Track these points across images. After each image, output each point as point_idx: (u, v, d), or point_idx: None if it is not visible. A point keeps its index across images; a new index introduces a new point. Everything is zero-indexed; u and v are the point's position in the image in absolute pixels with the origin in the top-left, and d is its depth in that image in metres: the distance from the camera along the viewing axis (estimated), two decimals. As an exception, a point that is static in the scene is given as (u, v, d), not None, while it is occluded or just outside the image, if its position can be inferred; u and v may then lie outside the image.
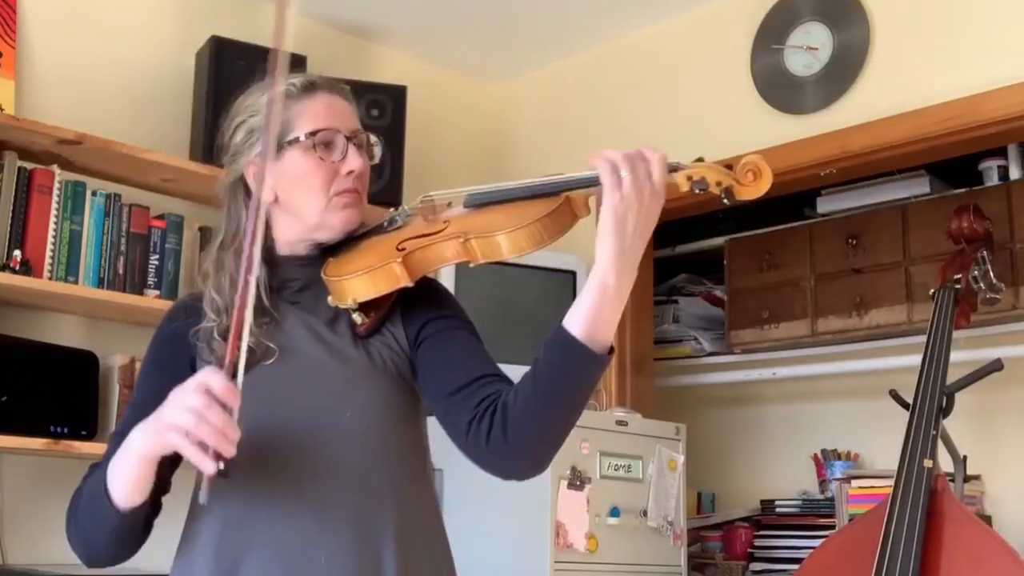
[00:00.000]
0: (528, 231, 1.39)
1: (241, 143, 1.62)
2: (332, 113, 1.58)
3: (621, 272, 1.34)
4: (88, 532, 1.49)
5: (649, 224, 1.34)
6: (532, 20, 3.55)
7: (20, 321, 2.78)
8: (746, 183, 1.34)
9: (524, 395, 1.39)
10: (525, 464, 1.45)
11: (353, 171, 1.54)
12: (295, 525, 1.43)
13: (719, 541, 3.98)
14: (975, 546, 2.47)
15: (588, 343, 1.34)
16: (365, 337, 1.52)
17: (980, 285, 2.91)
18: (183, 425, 1.28)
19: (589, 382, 1.39)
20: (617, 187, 1.32)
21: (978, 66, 2.81)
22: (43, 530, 2.78)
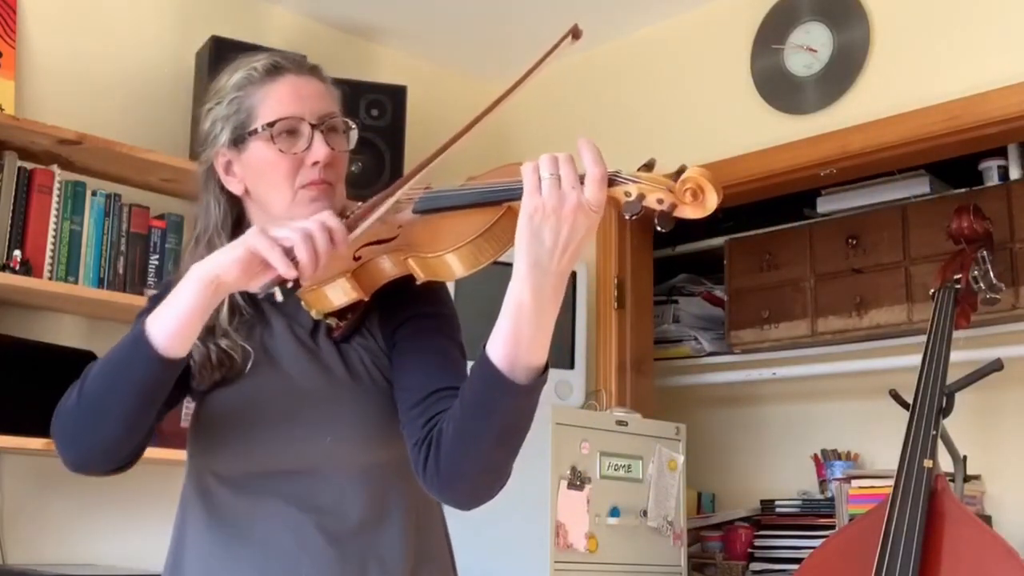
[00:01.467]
0: (461, 253, 1.26)
1: (208, 131, 1.49)
2: (297, 98, 1.44)
3: (537, 289, 1.18)
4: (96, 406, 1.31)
5: (577, 239, 1.17)
6: (532, 20, 3.55)
7: (20, 321, 2.78)
8: (687, 202, 1.15)
9: (453, 428, 1.28)
10: (464, 495, 1.33)
11: (319, 161, 1.42)
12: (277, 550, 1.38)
13: (719, 541, 3.97)
14: (975, 546, 2.47)
15: (507, 371, 1.21)
16: (343, 341, 1.43)
17: (980, 285, 2.91)
18: (284, 236, 1.23)
19: (518, 411, 1.25)
20: (536, 191, 1.16)
21: (978, 66, 2.81)
22: (43, 530, 2.79)
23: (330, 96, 1.50)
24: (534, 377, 1.22)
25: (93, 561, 2.85)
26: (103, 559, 2.87)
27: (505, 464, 1.31)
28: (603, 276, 3.52)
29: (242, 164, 1.46)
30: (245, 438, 1.42)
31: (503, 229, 1.25)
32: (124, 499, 2.94)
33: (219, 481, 1.44)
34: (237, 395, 1.43)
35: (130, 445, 1.35)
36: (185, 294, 1.26)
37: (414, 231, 1.35)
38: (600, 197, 1.15)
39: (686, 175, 1.14)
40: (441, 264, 1.28)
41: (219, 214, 1.49)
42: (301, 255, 1.22)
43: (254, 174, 1.45)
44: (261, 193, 1.46)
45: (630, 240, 3.53)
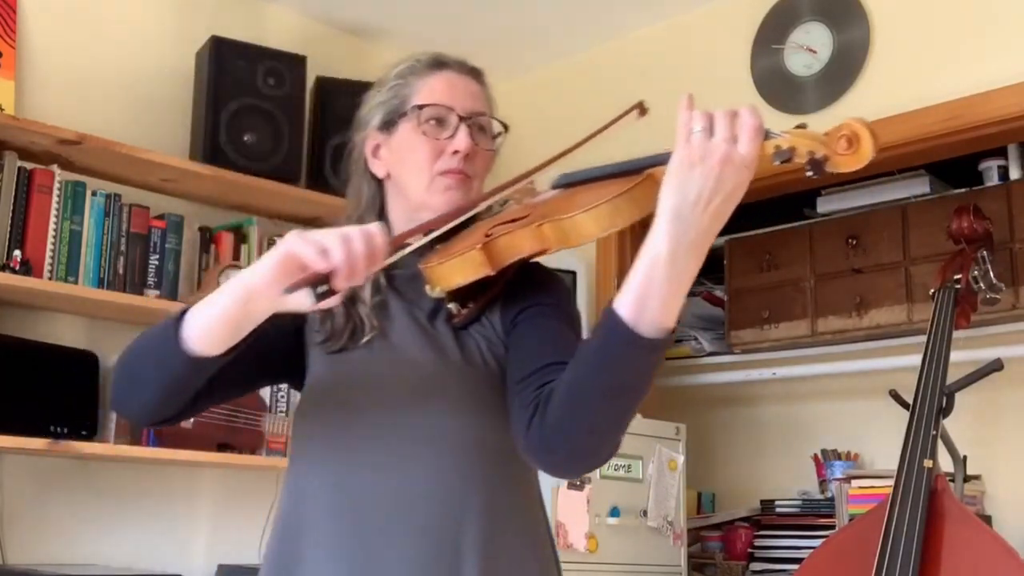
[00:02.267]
0: (598, 212, 1.25)
1: (363, 116, 1.55)
2: (451, 91, 1.50)
3: (676, 241, 1.14)
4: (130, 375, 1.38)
5: (723, 194, 1.13)
6: (532, 20, 3.55)
7: (20, 321, 2.78)
8: (841, 152, 1.12)
9: (566, 383, 1.26)
10: (563, 457, 1.31)
11: (459, 151, 1.46)
12: (370, 523, 1.38)
13: (719, 541, 3.97)
14: (975, 546, 2.47)
15: (633, 323, 1.16)
16: (462, 328, 1.45)
17: (980, 285, 2.91)
18: (321, 240, 1.21)
19: (636, 368, 1.21)
20: (686, 141, 1.14)
21: (978, 66, 2.81)
22: (43, 530, 2.79)
23: (485, 99, 1.56)
24: (659, 336, 1.17)
25: (93, 561, 2.86)
26: (103, 559, 2.87)
27: (613, 428, 1.28)
28: (603, 276, 3.52)
29: (389, 147, 1.51)
30: (353, 406, 1.44)
31: (643, 193, 1.24)
32: (124, 499, 2.94)
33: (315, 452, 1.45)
34: (346, 367, 1.45)
35: (169, 409, 1.39)
36: (222, 298, 1.28)
37: (549, 204, 1.36)
38: (752, 150, 1.13)
39: (841, 123, 1.12)
40: (577, 223, 1.26)
41: (368, 195, 1.55)
42: (335, 255, 1.20)
43: (397, 157, 1.50)
44: (401, 177, 1.51)
45: (630, 240, 3.54)
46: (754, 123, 1.14)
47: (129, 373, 1.38)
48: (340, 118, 3.27)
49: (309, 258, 1.20)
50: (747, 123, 1.13)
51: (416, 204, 1.49)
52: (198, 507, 3.09)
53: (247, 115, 3.04)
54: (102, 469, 2.90)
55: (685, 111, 1.15)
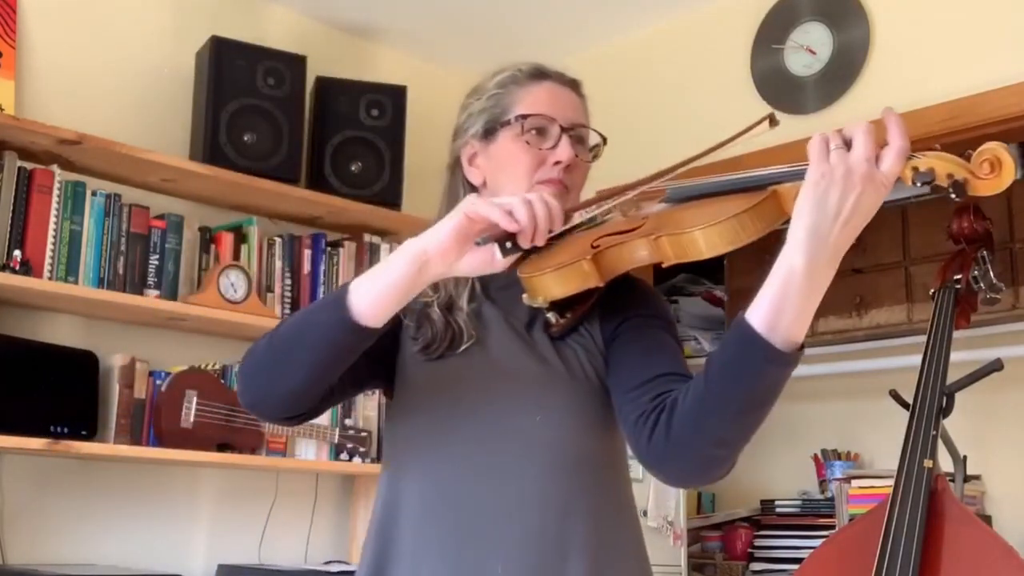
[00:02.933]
0: (722, 228, 1.23)
1: (462, 124, 1.56)
2: (553, 102, 1.51)
3: (813, 256, 1.15)
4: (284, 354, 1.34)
5: (858, 212, 1.15)
6: (532, 20, 3.55)
7: (20, 321, 2.78)
8: (983, 176, 1.12)
9: (695, 393, 1.25)
10: (688, 469, 1.32)
11: (561, 161, 1.46)
12: (472, 527, 1.38)
13: (719, 541, 3.98)
14: (975, 546, 2.47)
15: (768, 336, 1.17)
16: (560, 338, 1.45)
17: (980, 285, 2.91)
18: (504, 201, 1.26)
19: (767, 382, 1.21)
20: (823, 158, 1.15)
21: (978, 66, 2.81)
22: (43, 530, 2.79)
23: (584, 111, 1.56)
24: (791, 351, 1.18)
25: (93, 561, 2.86)
26: (103, 559, 2.87)
27: (739, 441, 1.27)
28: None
29: (487, 155, 1.52)
30: (450, 412, 1.44)
31: (768, 209, 1.24)
32: (124, 499, 2.94)
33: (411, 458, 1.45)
34: (444, 371, 1.45)
35: (307, 401, 1.37)
36: (393, 265, 1.28)
37: (663, 217, 1.34)
38: (896, 169, 1.14)
39: (983, 147, 1.12)
40: (699, 238, 1.25)
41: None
42: (520, 214, 1.24)
43: (496, 165, 1.51)
44: (499, 185, 1.50)
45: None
46: (902, 145, 1.14)
47: (275, 356, 1.35)
48: (340, 118, 3.27)
49: (496, 217, 1.24)
50: (895, 144, 1.14)
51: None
52: (198, 507, 3.09)
53: (247, 115, 3.04)
54: (102, 469, 2.90)
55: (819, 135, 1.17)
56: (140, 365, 2.84)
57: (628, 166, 1.64)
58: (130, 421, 2.79)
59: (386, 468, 1.51)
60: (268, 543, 3.18)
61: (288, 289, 3.16)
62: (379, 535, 1.45)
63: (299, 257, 3.22)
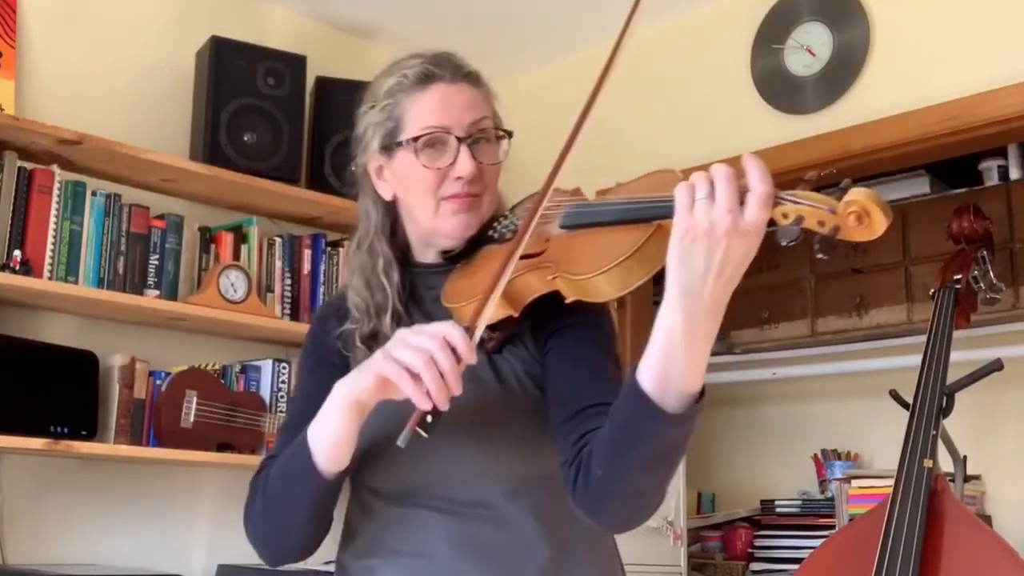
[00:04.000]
0: (608, 277, 1.20)
1: (361, 136, 1.49)
2: (446, 108, 1.42)
3: (689, 316, 1.10)
4: (279, 517, 1.37)
5: (729, 263, 1.08)
6: (531, 20, 3.55)
7: (20, 321, 2.78)
8: (852, 225, 1.06)
9: (600, 452, 1.23)
10: (612, 519, 1.30)
11: (462, 177, 1.40)
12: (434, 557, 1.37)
13: (719, 541, 3.98)
14: (975, 546, 2.47)
15: (657, 396, 1.14)
16: (496, 351, 1.40)
17: (980, 285, 2.91)
18: (408, 362, 1.19)
19: (665, 440, 1.18)
20: (687, 211, 1.08)
21: (978, 66, 2.81)
22: (43, 530, 2.79)
23: (483, 103, 1.48)
24: (687, 404, 1.15)
25: (93, 561, 2.85)
26: (103, 559, 2.87)
27: (656, 489, 1.25)
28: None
29: (392, 171, 1.46)
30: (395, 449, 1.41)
31: (653, 249, 1.17)
32: (124, 499, 2.94)
33: (375, 495, 1.44)
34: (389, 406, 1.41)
35: (320, 536, 1.41)
36: (332, 417, 1.29)
37: (561, 246, 1.31)
38: (762, 218, 1.06)
39: (849, 198, 1.05)
40: (590, 286, 1.23)
41: (377, 218, 1.50)
42: (429, 384, 1.18)
43: (401, 183, 1.45)
44: (407, 201, 1.46)
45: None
46: (764, 191, 1.06)
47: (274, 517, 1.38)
48: (340, 118, 3.27)
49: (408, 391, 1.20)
50: (756, 191, 1.06)
51: (427, 230, 1.46)
52: (198, 507, 3.09)
53: (247, 115, 3.04)
54: (102, 469, 2.90)
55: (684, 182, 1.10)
56: (140, 365, 2.84)
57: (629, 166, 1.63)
58: (130, 421, 2.79)
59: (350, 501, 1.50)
60: (268, 543, 3.18)
61: (288, 289, 3.16)
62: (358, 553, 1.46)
63: (299, 257, 3.22)
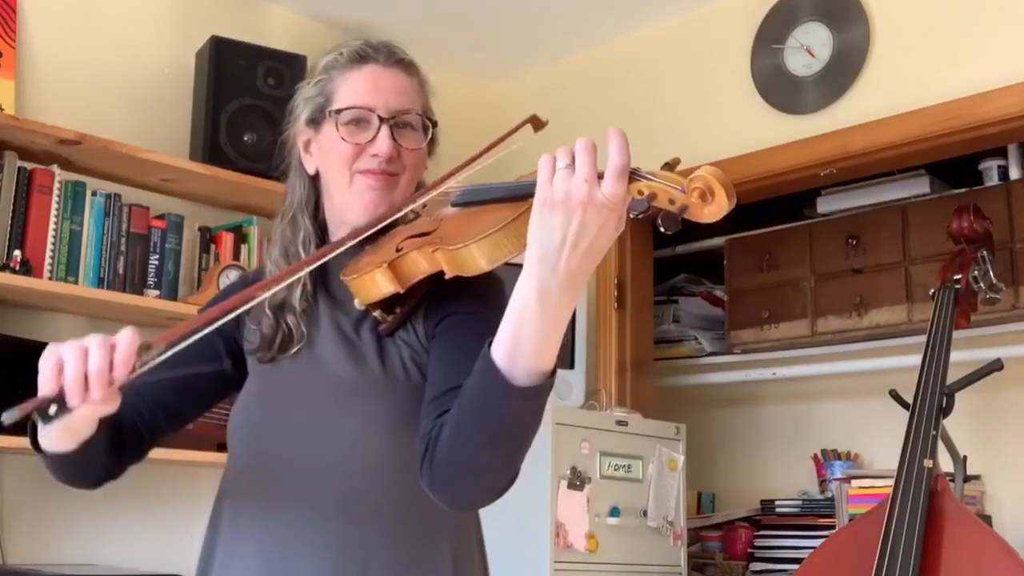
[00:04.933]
0: (482, 245, 1.20)
1: (294, 110, 1.52)
2: (374, 89, 1.45)
3: (543, 288, 1.09)
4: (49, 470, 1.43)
5: (589, 237, 1.07)
6: (531, 20, 3.55)
7: (20, 321, 2.78)
8: (697, 201, 1.05)
9: (449, 425, 1.22)
10: (454, 497, 1.27)
11: (378, 155, 1.42)
12: (283, 532, 1.37)
13: (719, 541, 3.97)
14: (975, 546, 2.47)
15: (508, 372, 1.12)
16: (389, 334, 1.41)
17: (980, 285, 2.91)
18: (63, 353, 1.16)
19: (515, 416, 1.16)
20: (548, 181, 1.08)
21: (978, 66, 2.81)
22: (43, 530, 2.79)
23: (413, 92, 1.50)
24: (536, 381, 1.13)
25: (93, 561, 2.85)
26: (103, 559, 2.87)
27: (500, 469, 1.23)
28: (603, 276, 3.52)
29: (317, 144, 1.49)
30: (272, 418, 1.43)
31: (525, 225, 1.15)
32: (124, 499, 2.94)
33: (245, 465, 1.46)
34: (273, 376, 1.45)
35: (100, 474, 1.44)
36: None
37: (449, 223, 1.32)
38: (616, 191, 1.06)
39: (694, 175, 1.05)
40: (461, 257, 1.23)
41: (302, 192, 1.52)
42: (68, 371, 1.14)
43: (323, 155, 1.48)
44: (327, 176, 1.48)
45: (630, 240, 3.53)
46: (619, 163, 1.06)
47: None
48: (340, 118, 3.27)
49: (41, 379, 1.16)
50: (612, 163, 1.06)
51: (340, 205, 1.47)
52: (198, 507, 3.08)
53: (247, 115, 3.04)
54: (102, 469, 2.90)
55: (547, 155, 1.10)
56: (140, 365, 2.84)
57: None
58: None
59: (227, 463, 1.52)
60: (268, 543, 3.18)
61: (288, 289, 3.16)
62: (208, 528, 1.47)
63: (299, 257, 3.22)
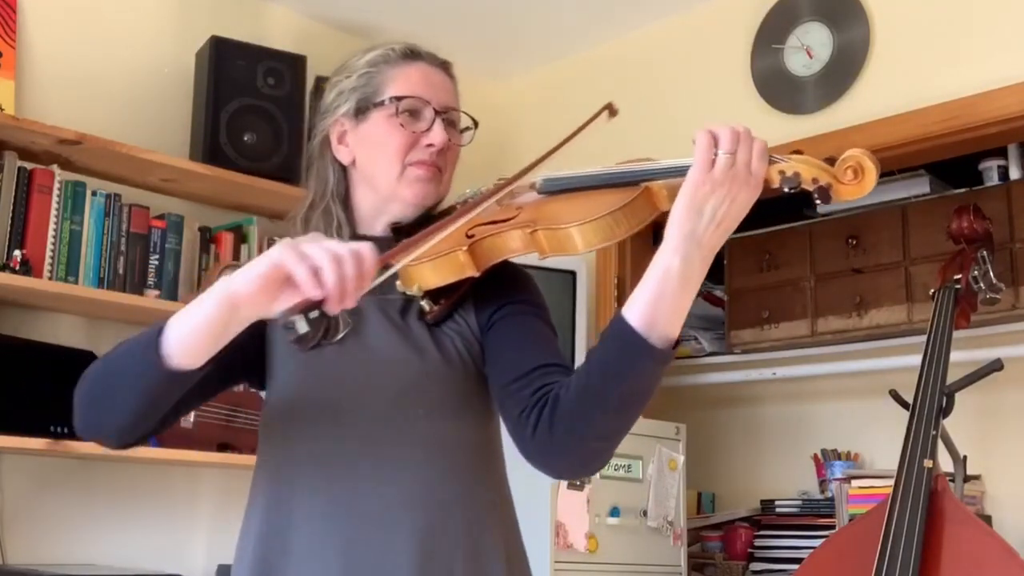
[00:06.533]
0: (597, 226, 1.26)
1: (330, 103, 1.54)
2: (427, 84, 1.50)
3: (688, 258, 1.21)
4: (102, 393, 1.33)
5: (733, 215, 1.21)
6: (532, 20, 3.55)
7: (20, 321, 2.78)
8: (846, 181, 1.19)
9: (575, 388, 1.28)
10: (571, 462, 1.36)
11: (433, 145, 1.46)
12: (360, 527, 1.37)
13: (719, 541, 3.97)
14: (975, 546, 2.47)
15: (644, 332, 1.22)
16: (435, 325, 1.44)
17: (980, 285, 2.91)
18: (312, 253, 1.13)
19: (645, 377, 1.25)
20: (707, 166, 1.20)
21: (978, 66, 2.81)
22: (43, 530, 2.79)
23: (456, 94, 1.55)
24: (666, 347, 1.23)
25: (93, 561, 2.86)
26: (103, 559, 2.87)
27: (618, 434, 1.31)
28: (603, 276, 3.52)
29: (357, 135, 1.50)
30: (332, 407, 1.42)
31: (641, 207, 1.28)
32: (124, 499, 2.94)
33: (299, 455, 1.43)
34: (318, 366, 1.42)
35: (139, 431, 1.35)
36: (204, 306, 1.21)
37: (536, 209, 1.36)
38: (763, 170, 1.21)
39: (846, 154, 1.18)
40: (571, 236, 1.28)
41: (334, 180, 1.53)
42: (328, 276, 1.13)
43: (367, 146, 1.49)
44: (369, 166, 1.50)
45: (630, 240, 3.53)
46: (763, 146, 1.21)
47: (99, 395, 1.32)
48: (340, 118, 3.27)
49: (301, 279, 1.13)
50: (759, 146, 1.21)
51: (385, 195, 1.49)
52: (198, 507, 3.09)
53: (247, 115, 3.04)
54: (102, 469, 2.90)
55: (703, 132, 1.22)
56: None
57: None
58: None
59: (264, 465, 1.47)
60: (268, 543, 3.18)
61: (288, 289, 3.16)
62: (261, 538, 1.41)
63: (299, 257, 3.21)
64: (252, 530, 1.43)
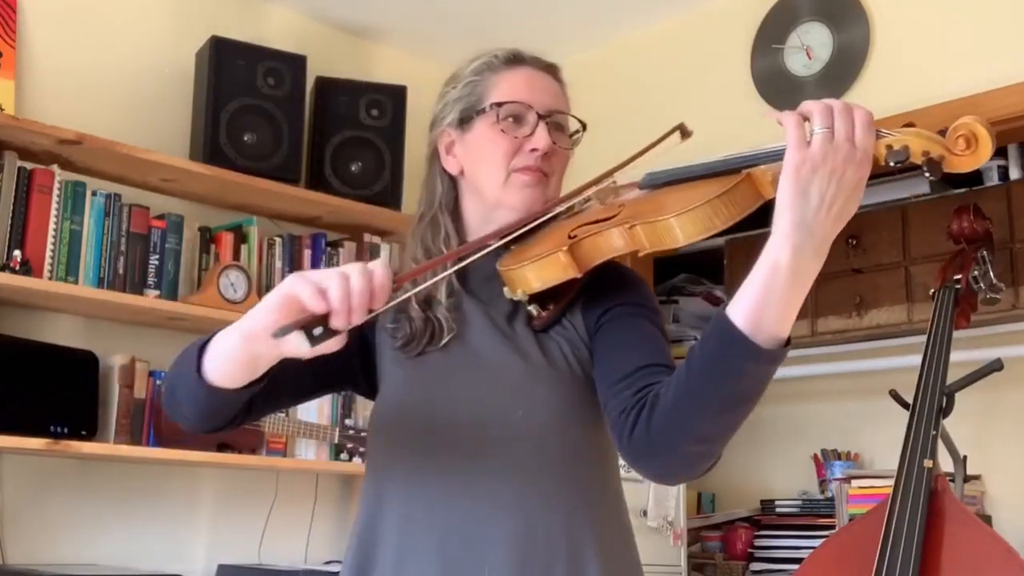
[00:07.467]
0: (695, 215, 1.20)
1: (438, 113, 1.53)
2: (530, 88, 1.47)
3: (798, 251, 1.10)
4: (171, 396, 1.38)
5: (843, 196, 1.10)
6: (531, 20, 3.55)
7: (20, 321, 2.78)
8: (959, 152, 1.10)
9: (675, 389, 1.22)
10: (670, 465, 1.29)
11: (537, 149, 1.43)
12: (457, 528, 1.36)
13: (719, 541, 3.97)
14: (975, 546, 2.47)
15: (751, 333, 1.12)
16: (542, 330, 1.42)
17: (980, 285, 2.91)
18: (320, 277, 1.14)
19: (751, 380, 1.17)
20: (802, 145, 1.10)
21: (978, 66, 2.81)
22: (43, 530, 2.79)
23: (563, 97, 1.52)
24: (775, 348, 1.14)
25: (93, 561, 2.86)
26: (103, 559, 2.87)
27: (721, 437, 1.23)
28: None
29: (464, 144, 1.49)
30: (432, 411, 1.41)
31: (743, 194, 1.20)
32: (124, 499, 2.94)
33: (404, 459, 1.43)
34: (424, 370, 1.43)
35: (217, 423, 1.38)
36: (230, 336, 1.24)
37: (638, 204, 1.32)
38: (869, 143, 1.11)
39: (957, 122, 1.09)
40: (670, 227, 1.22)
41: (442, 191, 1.52)
42: (333, 292, 1.13)
43: (473, 154, 1.48)
44: (476, 174, 1.48)
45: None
46: (867, 116, 1.11)
47: (171, 393, 1.38)
48: (340, 118, 3.28)
49: (306, 297, 1.13)
50: (861, 116, 1.11)
51: (492, 202, 1.47)
52: (198, 507, 3.09)
53: (247, 115, 3.04)
54: (102, 469, 2.90)
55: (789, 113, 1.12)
56: (140, 365, 2.84)
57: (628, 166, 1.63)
58: (130, 421, 2.79)
59: (370, 468, 1.49)
60: (268, 543, 3.18)
61: (288, 289, 3.16)
62: (363, 536, 1.43)
63: (299, 257, 3.22)
64: (355, 530, 1.46)
